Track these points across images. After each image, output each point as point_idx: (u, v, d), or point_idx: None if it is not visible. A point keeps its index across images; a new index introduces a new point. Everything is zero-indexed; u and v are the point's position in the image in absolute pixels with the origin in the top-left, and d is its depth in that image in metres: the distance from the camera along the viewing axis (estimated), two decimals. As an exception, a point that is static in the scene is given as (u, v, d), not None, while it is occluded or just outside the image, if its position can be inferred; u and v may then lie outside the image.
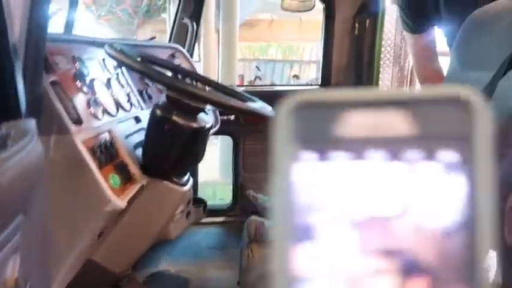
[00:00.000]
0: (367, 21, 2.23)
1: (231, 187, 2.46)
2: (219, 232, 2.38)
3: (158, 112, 1.01)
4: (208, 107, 1.07)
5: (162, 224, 1.13)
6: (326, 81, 2.35)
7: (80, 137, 0.82)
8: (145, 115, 1.26)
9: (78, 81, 0.95)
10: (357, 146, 0.15)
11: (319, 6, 2.34)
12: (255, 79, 9.29)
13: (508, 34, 1.04)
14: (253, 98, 1.21)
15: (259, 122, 1.20)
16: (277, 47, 12.16)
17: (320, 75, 2.44)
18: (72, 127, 0.81)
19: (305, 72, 10.65)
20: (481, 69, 1.18)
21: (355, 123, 0.16)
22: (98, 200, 0.81)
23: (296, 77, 10.25)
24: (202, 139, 1.09)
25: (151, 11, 9.07)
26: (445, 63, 1.71)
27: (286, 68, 10.63)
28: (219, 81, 4.09)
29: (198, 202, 1.82)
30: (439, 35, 1.57)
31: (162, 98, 1.06)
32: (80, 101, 0.91)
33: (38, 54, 0.76)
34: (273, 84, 2.61)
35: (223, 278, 1.62)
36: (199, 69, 3.84)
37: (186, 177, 1.15)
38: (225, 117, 2.19)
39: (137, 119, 1.20)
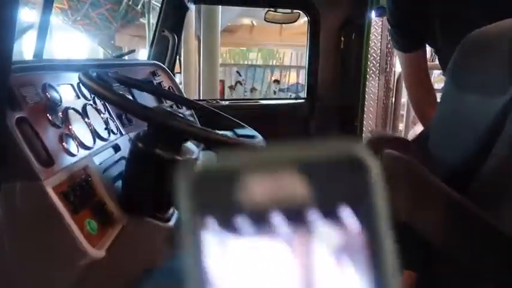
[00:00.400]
0: (353, 34, 2.19)
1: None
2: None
3: (139, 145, 0.92)
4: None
5: (146, 265, 1.04)
6: (311, 94, 2.29)
7: (50, 182, 0.73)
8: (124, 142, 1.17)
9: (49, 114, 0.85)
10: (259, 211, 0.16)
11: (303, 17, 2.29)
12: (235, 84, 9.24)
13: (511, 57, 1.00)
14: (241, 123, 1.14)
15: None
16: (257, 51, 12.13)
17: (305, 85, 2.39)
18: (42, 171, 0.72)
19: (286, 77, 10.65)
20: (481, 92, 1.13)
21: (256, 188, 0.16)
22: (73, 253, 0.72)
23: (277, 82, 10.24)
24: (188, 171, 1.01)
25: (129, 16, 8.89)
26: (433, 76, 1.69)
27: (267, 73, 10.59)
28: (201, 90, 3.99)
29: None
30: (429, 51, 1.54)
31: (143, 128, 0.97)
32: (51, 137, 0.82)
33: (1, 91, 0.67)
34: (259, 98, 2.54)
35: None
36: (180, 80, 3.74)
37: (170, 211, 1.07)
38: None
39: (116, 148, 1.10)
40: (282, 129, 2.26)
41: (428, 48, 1.51)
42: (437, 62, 1.56)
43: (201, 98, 3.84)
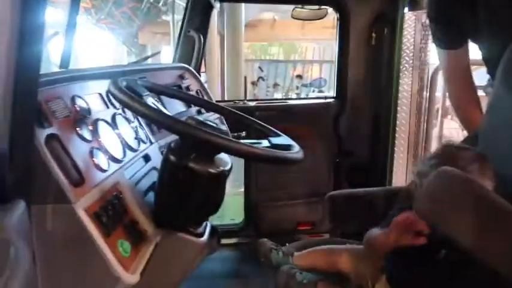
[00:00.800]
0: (385, 30, 2.09)
1: (243, 205, 2.33)
2: (232, 257, 2.25)
3: (172, 158, 0.87)
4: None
5: (179, 278, 1.00)
6: (341, 94, 2.21)
7: (81, 204, 0.69)
8: (154, 151, 1.13)
9: (79, 127, 0.81)
10: None
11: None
12: (258, 80, 9.17)
13: None
14: (278, 132, 1.07)
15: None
16: (279, 46, 12.00)
17: (335, 84, 2.30)
18: (72, 193, 0.68)
19: (308, 72, 10.49)
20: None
21: None
22: (106, 279, 0.68)
23: (299, 77, 10.12)
24: (222, 184, 0.95)
25: (152, 13, 8.93)
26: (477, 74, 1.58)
27: (289, 68, 10.47)
28: (225, 88, 3.93)
29: (212, 232, 1.68)
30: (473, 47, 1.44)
31: (175, 140, 0.92)
32: (81, 153, 0.78)
33: (29, 106, 0.63)
34: (286, 98, 2.47)
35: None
36: (206, 79, 3.71)
37: (203, 225, 1.02)
38: (236, 134, 2.06)
39: (146, 158, 1.06)
40: (311, 130, 2.19)
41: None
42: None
43: (225, 97, 3.80)
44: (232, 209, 2.48)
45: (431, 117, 2.41)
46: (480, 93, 1.46)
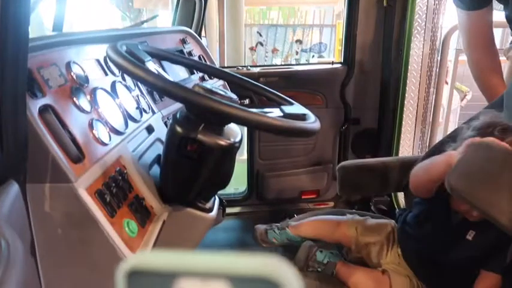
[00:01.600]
0: (397, -11, 1.97)
1: (246, 173, 2.28)
2: (236, 225, 2.22)
3: (178, 129, 0.80)
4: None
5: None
6: (349, 59, 2.11)
7: (82, 182, 0.62)
8: (158, 121, 1.06)
9: (76, 97, 0.74)
10: None
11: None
12: (256, 45, 8.94)
13: None
14: (290, 100, 1.00)
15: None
16: (278, 10, 11.64)
17: (342, 49, 2.20)
18: (72, 170, 0.61)
19: (308, 36, 10.22)
20: None
21: None
22: (112, 262, 0.63)
23: (299, 41, 9.88)
24: (233, 157, 0.89)
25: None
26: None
27: (289, 32, 10.19)
28: (225, 54, 3.80)
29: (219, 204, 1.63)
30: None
31: (180, 109, 0.85)
32: (80, 125, 0.70)
33: (19, 74, 0.55)
34: (289, 64, 2.38)
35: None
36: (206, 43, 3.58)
37: (212, 200, 0.96)
38: (240, 101, 1.98)
39: (149, 129, 0.99)
40: (317, 97, 2.11)
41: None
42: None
43: (225, 63, 3.68)
44: (234, 177, 2.43)
45: (441, 83, 2.32)
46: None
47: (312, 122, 0.85)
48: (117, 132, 0.82)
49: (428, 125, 2.28)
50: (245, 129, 2.13)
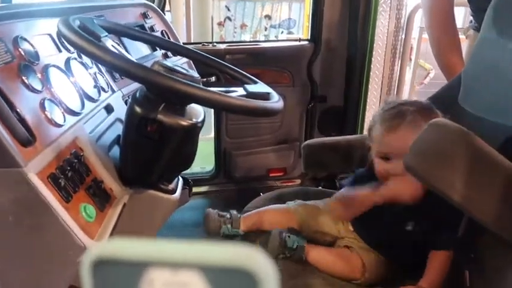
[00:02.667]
0: (364, -35, 1.96)
1: (213, 152, 2.26)
2: (203, 205, 2.21)
3: (137, 109, 0.77)
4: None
5: (149, 238, 0.94)
6: (316, 36, 2.10)
7: (33, 166, 0.59)
8: (117, 100, 1.02)
9: (25, 76, 0.69)
10: None
11: None
12: (224, 20, 8.76)
13: None
14: (254, 79, 0.98)
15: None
16: (246, -16, 11.39)
17: (310, 26, 2.18)
18: (21, 154, 0.58)
19: (277, 11, 10.10)
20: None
21: (155, 281, 0.17)
22: (69, 249, 0.60)
23: (268, 17, 9.75)
24: (195, 137, 0.87)
25: None
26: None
27: (258, 7, 10.03)
28: (191, 30, 3.69)
29: (183, 183, 1.62)
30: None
31: (140, 88, 0.82)
32: (30, 106, 0.66)
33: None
34: (256, 41, 2.35)
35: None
36: (171, 19, 3.46)
37: (175, 181, 0.95)
38: (204, 79, 1.94)
39: (108, 109, 0.95)
40: (284, 74, 2.10)
41: None
42: None
43: (191, 39, 3.58)
44: (201, 156, 2.40)
45: (405, 61, 2.36)
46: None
47: (275, 101, 0.84)
48: (73, 113, 0.78)
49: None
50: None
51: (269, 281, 0.16)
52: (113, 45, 0.84)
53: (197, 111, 0.85)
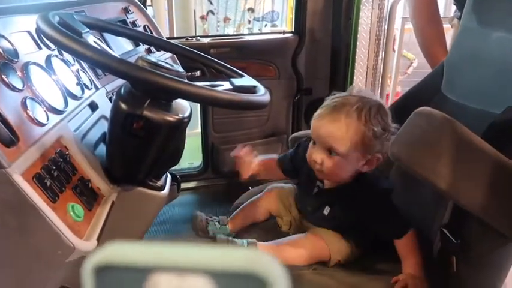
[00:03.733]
0: (346, -45, 1.96)
1: (200, 147, 2.25)
2: (192, 200, 2.21)
3: (122, 106, 0.75)
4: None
5: (139, 237, 0.93)
6: (300, 28, 2.09)
7: (17, 167, 0.58)
8: (102, 97, 1.00)
9: (4, 74, 0.67)
10: None
11: None
12: (207, 13, 8.67)
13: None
14: (240, 72, 0.98)
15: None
16: (228, -24, 11.29)
17: (293, 18, 2.18)
18: (4, 155, 0.56)
19: (260, 4, 10.05)
20: (508, 30, 1.00)
21: (161, 286, 0.16)
22: (57, 250, 0.60)
23: (251, 10, 9.69)
24: (182, 132, 0.86)
25: None
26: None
27: (241, 0, 9.97)
28: (174, 24, 3.64)
29: (171, 179, 1.60)
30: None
31: (124, 84, 0.80)
32: (11, 105, 0.65)
33: None
34: (241, 34, 2.34)
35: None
36: (153, 13, 3.41)
37: (163, 178, 0.94)
38: (189, 74, 1.93)
39: (93, 106, 0.94)
40: (269, 67, 2.09)
41: None
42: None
43: (174, 33, 3.53)
44: (188, 151, 2.38)
45: (389, 51, 2.38)
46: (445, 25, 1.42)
47: (262, 94, 0.84)
48: (56, 111, 0.76)
49: (377, 92, 2.34)
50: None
51: (279, 285, 0.16)
52: (94, 41, 0.83)
53: (183, 106, 0.84)
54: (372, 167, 0.92)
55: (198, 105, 2.09)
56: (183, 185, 2.17)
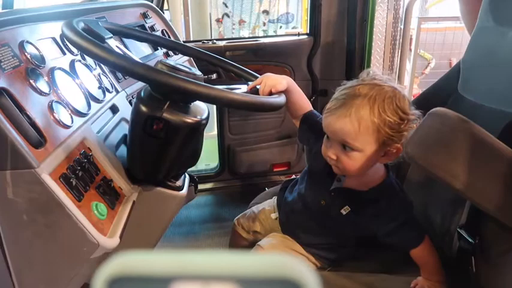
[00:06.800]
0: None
1: (217, 149, 2.28)
2: (209, 201, 2.23)
3: (143, 108, 0.78)
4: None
5: (159, 236, 0.96)
6: (315, 30, 2.10)
7: (46, 167, 0.61)
8: (122, 100, 1.04)
9: (32, 79, 0.71)
10: None
11: None
12: (222, 16, 8.73)
13: None
14: (257, 75, 1.00)
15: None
16: (243, -21, 11.35)
17: (308, 20, 2.19)
18: (33, 155, 0.59)
19: (275, 6, 10.07)
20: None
21: None
22: (83, 247, 0.62)
23: (266, 12, 9.71)
24: (200, 134, 0.89)
25: None
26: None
27: (255, 2, 10.00)
28: (190, 27, 3.68)
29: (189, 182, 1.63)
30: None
31: (144, 87, 0.83)
32: (39, 108, 0.68)
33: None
34: (256, 37, 2.35)
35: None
36: (170, 17, 3.46)
37: (182, 178, 0.96)
38: (206, 76, 1.96)
39: (114, 109, 0.97)
40: (285, 69, 2.11)
41: None
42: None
43: (190, 37, 3.58)
44: (205, 153, 2.41)
45: (405, 52, 2.37)
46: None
47: (276, 96, 0.85)
48: (80, 114, 0.79)
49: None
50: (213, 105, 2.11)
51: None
52: (117, 46, 0.86)
53: (201, 108, 0.87)
54: (392, 158, 0.87)
55: (215, 107, 2.12)
56: (200, 187, 2.20)
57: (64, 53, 0.89)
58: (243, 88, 0.93)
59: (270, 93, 0.89)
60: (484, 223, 0.79)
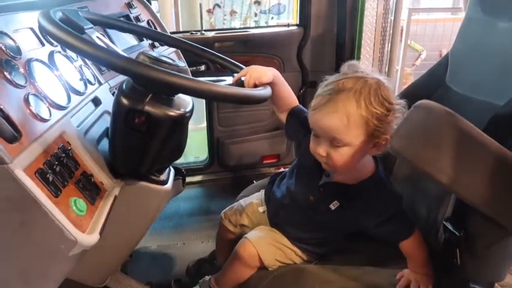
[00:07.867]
0: None
1: (206, 141, 2.26)
2: (198, 194, 2.22)
3: (124, 101, 0.76)
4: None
5: (143, 231, 0.94)
6: (305, 20, 2.08)
7: (20, 162, 0.59)
8: (105, 92, 1.01)
9: (7, 71, 0.68)
10: None
11: None
12: (213, 7, 8.64)
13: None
14: (242, 66, 0.98)
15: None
16: (235, -31, 11.22)
17: (298, 11, 2.17)
18: (6, 150, 0.57)
19: (267, -3, 9.98)
20: (515, 19, 0.98)
21: None
22: (61, 244, 0.61)
23: (257, 3, 9.63)
24: (184, 127, 0.87)
25: None
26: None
27: (247, -7, 9.90)
28: (179, 18, 3.63)
29: (176, 173, 1.61)
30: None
31: (127, 80, 0.81)
32: (13, 101, 0.66)
33: None
34: (245, 28, 2.31)
35: (209, 249, 1.48)
36: (157, 8, 3.41)
37: (166, 172, 0.95)
38: (194, 68, 1.93)
39: (96, 101, 0.94)
40: (274, 61, 2.09)
41: None
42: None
43: (180, 28, 3.53)
44: (195, 145, 2.40)
45: (395, 43, 2.36)
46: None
47: (261, 88, 0.83)
48: (59, 107, 0.77)
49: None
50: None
51: None
52: (98, 37, 0.83)
53: (185, 101, 0.85)
54: (381, 149, 0.86)
55: (204, 100, 2.09)
56: (189, 179, 2.19)
57: (43, 44, 0.86)
58: (229, 80, 0.91)
59: (255, 86, 0.87)
60: (469, 216, 0.79)
